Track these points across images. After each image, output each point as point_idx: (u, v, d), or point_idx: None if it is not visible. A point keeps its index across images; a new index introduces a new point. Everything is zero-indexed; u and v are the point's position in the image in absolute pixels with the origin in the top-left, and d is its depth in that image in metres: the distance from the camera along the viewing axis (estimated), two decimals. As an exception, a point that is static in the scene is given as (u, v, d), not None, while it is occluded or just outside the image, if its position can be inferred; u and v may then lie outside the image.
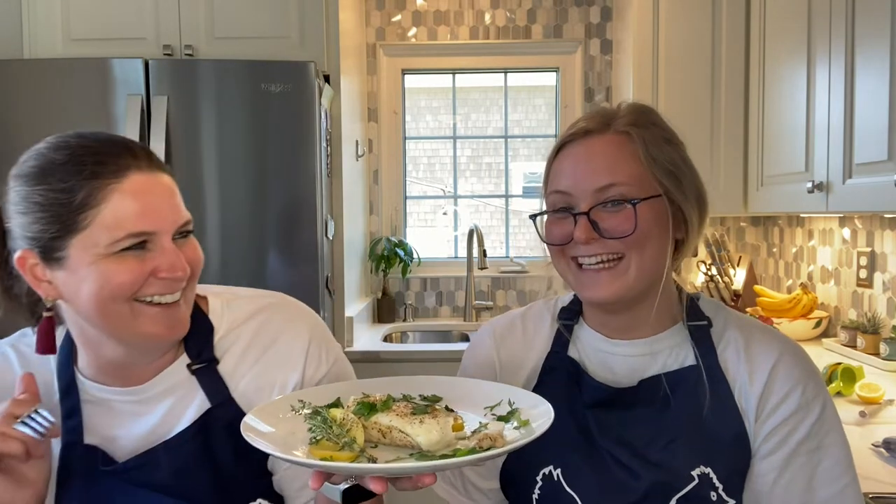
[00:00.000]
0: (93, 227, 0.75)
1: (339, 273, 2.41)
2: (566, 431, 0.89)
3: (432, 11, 3.04)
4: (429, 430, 0.72)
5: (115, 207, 0.76)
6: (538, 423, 0.74)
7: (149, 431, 0.85)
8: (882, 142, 1.57)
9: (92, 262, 0.76)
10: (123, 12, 2.29)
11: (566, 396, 0.91)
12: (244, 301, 0.93)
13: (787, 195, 2.11)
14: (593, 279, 0.86)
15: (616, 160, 0.85)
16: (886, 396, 1.65)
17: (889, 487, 1.19)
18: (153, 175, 0.80)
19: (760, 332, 0.91)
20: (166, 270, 0.78)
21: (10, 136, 2.06)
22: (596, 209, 0.85)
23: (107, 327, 0.79)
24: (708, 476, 0.84)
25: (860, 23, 1.68)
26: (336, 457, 0.68)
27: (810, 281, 2.51)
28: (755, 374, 0.86)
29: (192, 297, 0.85)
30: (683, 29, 2.50)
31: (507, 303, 3.10)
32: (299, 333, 0.91)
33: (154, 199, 0.78)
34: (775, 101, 2.22)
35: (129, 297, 0.77)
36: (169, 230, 0.79)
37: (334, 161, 2.37)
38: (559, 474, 0.89)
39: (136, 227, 0.76)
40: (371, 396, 0.79)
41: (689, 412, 0.86)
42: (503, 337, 1.00)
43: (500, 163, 3.25)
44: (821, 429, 0.84)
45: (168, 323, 0.80)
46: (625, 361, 0.91)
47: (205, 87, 2.10)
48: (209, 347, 0.87)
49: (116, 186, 0.76)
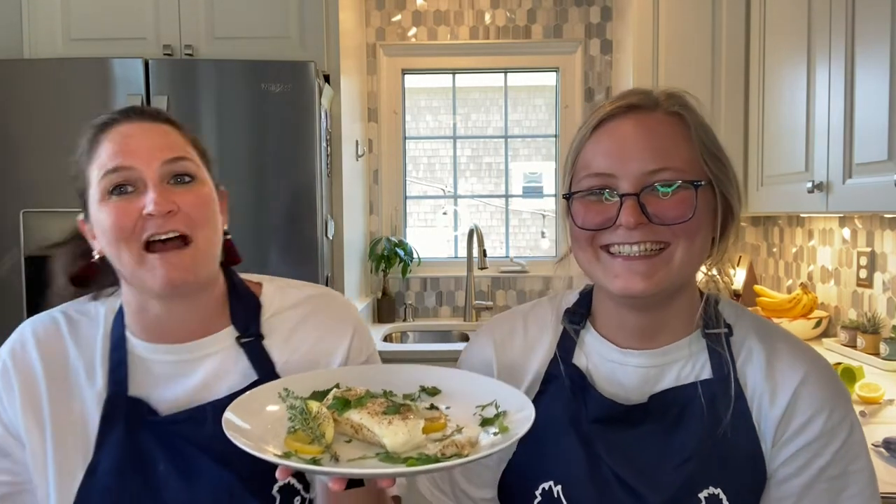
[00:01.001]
0: (91, 175, 0.84)
1: (339, 273, 2.41)
2: (568, 446, 0.83)
3: (432, 11, 3.04)
4: (394, 432, 0.72)
5: (101, 153, 0.84)
6: (513, 432, 0.72)
7: (187, 392, 0.88)
8: (882, 142, 1.57)
9: (96, 209, 0.83)
10: (123, 12, 2.29)
11: (569, 408, 0.85)
12: (296, 290, 0.98)
13: (787, 195, 2.11)
14: (629, 268, 0.77)
15: (668, 141, 0.78)
16: (886, 396, 1.65)
17: (889, 487, 1.19)
18: (143, 123, 0.86)
19: (785, 343, 0.83)
20: (149, 205, 0.80)
21: (10, 136, 2.06)
22: (645, 192, 0.76)
23: (127, 276, 0.85)
24: (717, 497, 0.78)
25: (860, 23, 1.68)
26: (301, 450, 0.70)
27: (810, 281, 2.51)
28: (777, 394, 0.79)
29: (204, 246, 0.85)
30: (683, 29, 2.50)
31: (507, 303, 3.10)
32: (345, 325, 0.96)
33: (134, 140, 0.84)
34: (775, 101, 2.22)
35: (131, 241, 0.81)
36: (152, 167, 0.82)
37: (334, 161, 2.37)
38: (559, 491, 0.83)
39: (111, 162, 0.82)
40: (352, 390, 0.80)
41: (702, 431, 0.79)
42: (503, 343, 0.93)
43: (500, 163, 3.25)
44: (846, 455, 0.78)
45: (166, 269, 0.81)
46: (636, 373, 0.84)
47: (205, 87, 2.10)
48: (256, 324, 0.92)
49: (105, 136, 0.84)
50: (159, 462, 0.84)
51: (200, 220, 0.84)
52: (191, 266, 0.83)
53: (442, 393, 0.85)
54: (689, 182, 0.76)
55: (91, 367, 0.88)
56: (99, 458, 0.84)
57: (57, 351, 0.89)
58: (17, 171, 2.06)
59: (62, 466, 0.85)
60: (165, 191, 0.82)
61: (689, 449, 0.79)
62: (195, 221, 0.84)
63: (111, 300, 0.94)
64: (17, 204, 2.06)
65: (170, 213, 0.81)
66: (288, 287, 0.99)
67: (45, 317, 0.93)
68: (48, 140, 2.06)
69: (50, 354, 0.89)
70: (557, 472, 0.83)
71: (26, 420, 0.86)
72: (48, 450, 0.85)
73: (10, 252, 2.07)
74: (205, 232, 0.85)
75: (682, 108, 0.81)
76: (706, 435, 0.79)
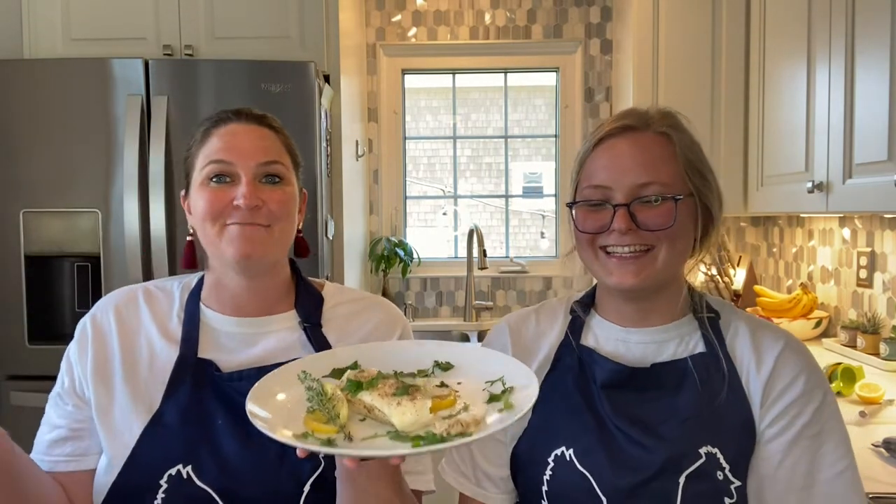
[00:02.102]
0: (197, 160, 0.97)
1: (339, 273, 2.41)
2: (578, 413, 0.93)
3: (432, 11, 3.04)
4: (402, 412, 0.76)
5: (209, 144, 0.97)
6: (518, 408, 0.77)
7: (250, 360, 0.97)
8: (882, 142, 1.57)
9: (196, 189, 0.96)
10: (123, 12, 2.29)
11: (578, 379, 0.96)
12: (354, 291, 1.12)
13: (787, 195, 2.11)
14: (622, 266, 0.91)
15: (656, 158, 0.91)
16: (886, 396, 1.65)
17: (889, 487, 1.19)
18: (249, 126, 0.99)
19: (763, 324, 0.97)
20: (239, 198, 0.92)
21: (10, 136, 2.06)
22: (635, 203, 0.90)
23: (208, 246, 0.97)
24: (715, 456, 0.87)
25: (860, 23, 1.68)
26: (318, 429, 0.76)
27: (810, 281, 2.51)
28: (762, 361, 0.91)
29: (279, 234, 0.97)
30: (683, 29, 2.50)
31: (507, 303, 3.10)
32: (395, 325, 1.07)
33: (239, 139, 0.96)
34: (775, 101, 2.22)
35: (217, 221, 0.94)
36: (248, 166, 0.94)
37: (334, 161, 2.37)
38: (571, 454, 0.91)
39: (216, 155, 0.95)
40: (365, 372, 0.85)
41: (700, 397, 0.90)
42: (518, 328, 1.05)
43: (500, 163, 3.25)
44: (822, 415, 0.88)
45: (242, 239, 0.93)
46: (638, 347, 0.96)
47: (205, 87, 2.10)
48: (317, 313, 1.03)
49: (215, 131, 0.98)
50: (218, 417, 0.92)
51: (281, 214, 0.96)
52: (263, 243, 0.95)
53: (455, 368, 0.90)
54: (670, 196, 0.90)
55: (165, 334, 0.99)
56: (164, 409, 0.92)
57: (133, 319, 1.00)
58: (17, 171, 2.06)
59: (125, 422, 0.93)
60: (256, 188, 0.94)
61: (688, 410, 0.90)
62: (275, 215, 0.96)
63: (187, 280, 1.05)
64: (17, 204, 2.06)
65: (255, 208, 0.93)
66: (346, 288, 1.12)
67: (126, 289, 1.04)
68: (48, 140, 2.06)
69: (126, 321, 1.00)
70: (569, 437, 0.92)
71: (95, 383, 0.95)
72: (114, 407, 0.94)
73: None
74: (281, 224, 0.97)
75: (670, 128, 0.94)
76: (703, 400, 0.90)
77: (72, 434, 0.95)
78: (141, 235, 2.05)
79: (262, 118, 1.01)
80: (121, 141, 2.04)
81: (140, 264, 2.04)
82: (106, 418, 0.94)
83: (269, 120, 1.02)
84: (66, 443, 0.95)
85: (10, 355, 2.08)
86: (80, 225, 2.08)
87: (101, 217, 2.07)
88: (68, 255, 2.11)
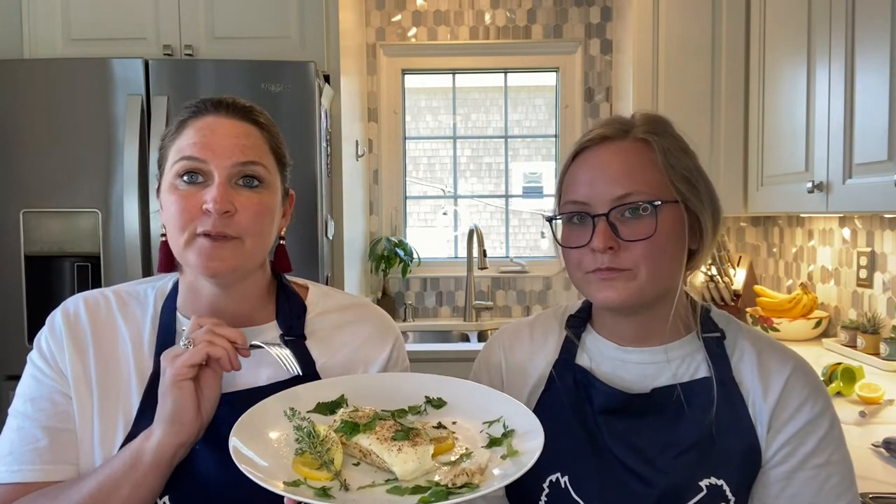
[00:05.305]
0: (170, 154, 0.88)
1: (339, 273, 2.41)
2: (574, 439, 0.89)
3: (432, 11, 3.04)
4: (405, 460, 0.72)
5: (183, 137, 0.87)
6: (525, 457, 0.72)
7: (227, 375, 0.88)
8: (882, 142, 1.57)
9: (166, 188, 0.88)
10: (123, 12, 2.29)
11: (574, 403, 0.91)
12: (340, 296, 1.03)
13: (787, 195, 2.11)
14: (606, 283, 0.86)
15: (634, 167, 0.86)
16: (886, 396, 1.65)
17: (889, 487, 1.19)
18: (230, 119, 0.89)
19: (771, 345, 0.92)
20: (209, 202, 0.83)
21: (10, 136, 2.06)
22: (614, 213, 0.85)
23: (177, 255, 0.88)
24: (720, 488, 0.83)
25: (860, 23, 1.68)
26: (311, 476, 0.71)
27: (810, 281, 2.51)
28: (769, 388, 0.87)
29: (251, 248, 0.88)
30: (683, 29, 2.50)
31: (506, 303, 3.10)
32: (387, 337, 1.00)
33: (216, 135, 0.87)
34: (775, 101, 2.22)
35: (186, 228, 0.85)
36: (223, 165, 0.85)
37: (334, 161, 2.37)
38: (566, 481, 0.88)
39: (188, 151, 0.86)
40: (360, 411, 0.80)
41: (703, 424, 0.86)
42: (511, 344, 1.01)
43: (500, 163, 3.25)
44: (829, 445, 0.85)
45: (207, 256, 0.85)
46: (636, 368, 0.91)
47: (205, 87, 2.10)
48: (300, 324, 0.95)
49: (191, 123, 0.88)
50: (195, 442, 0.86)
51: (253, 227, 0.87)
52: (230, 259, 0.86)
53: (448, 405, 0.85)
54: (648, 202, 0.84)
55: (138, 344, 0.91)
56: (137, 430, 0.85)
57: (106, 321, 0.93)
58: (17, 171, 2.06)
59: (105, 427, 0.87)
60: (229, 191, 0.85)
61: (689, 440, 0.85)
62: (247, 228, 0.86)
63: (161, 285, 0.97)
64: (17, 204, 2.06)
65: (226, 213, 0.85)
66: (333, 292, 1.03)
67: (95, 292, 0.96)
68: (48, 140, 2.06)
69: (99, 322, 0.92)
70: (564, 464, 0.88)
71: (75, 377, 0.89)
72: (94, 408, 0.88)
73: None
74: (253, 239, 0.88)
75: (650, 133, 0.87)
76: (706, 427, 0.85)
77: (62, 425, 0.88)
78: (141, 235, 2.05)
79: (247, 112, 0.91)
80: (121, 141, 2.04)
81: (140, 264, 2.04)
82: (88, 423, 0.88)
83: (255, 114, 0.92)
84: (49, 448, 0.87)
85: (10, 355, 2.08)
86: (80, 225, 2.08)
87: (101, 217, 2.07)
88: (68, 256, 2.11)
